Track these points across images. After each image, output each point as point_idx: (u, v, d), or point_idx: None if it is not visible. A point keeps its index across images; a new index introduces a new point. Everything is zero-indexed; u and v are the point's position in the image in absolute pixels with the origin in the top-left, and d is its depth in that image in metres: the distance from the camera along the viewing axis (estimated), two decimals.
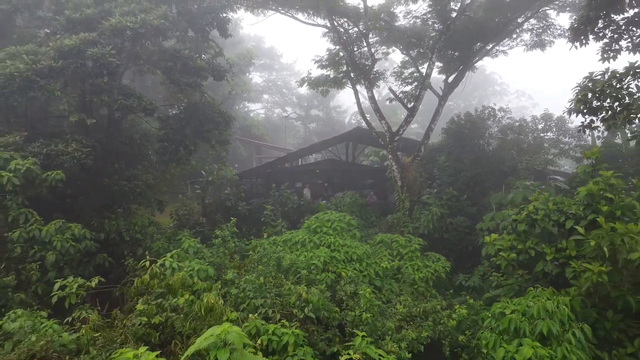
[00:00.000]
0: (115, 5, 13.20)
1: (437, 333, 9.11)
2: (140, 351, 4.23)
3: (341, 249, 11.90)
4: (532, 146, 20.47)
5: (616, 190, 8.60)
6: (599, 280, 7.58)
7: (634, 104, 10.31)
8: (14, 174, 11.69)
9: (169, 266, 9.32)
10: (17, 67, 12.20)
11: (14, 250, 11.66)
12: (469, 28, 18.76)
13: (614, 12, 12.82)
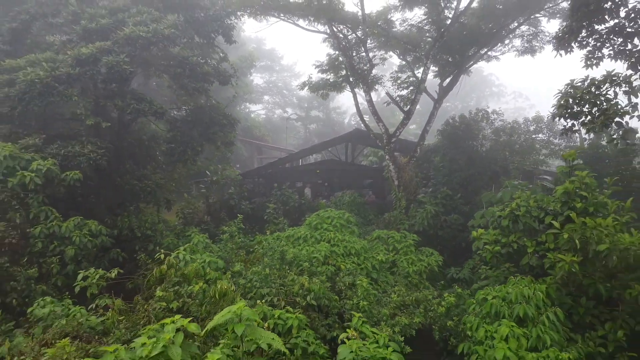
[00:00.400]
0: (128, 15, 14.05)
1: (428, 319, 9.98)
2: (175, 318, 5.05)
3: (340, 244, 12.75)
4: (524, 147, 21.35)
5: (590, 189, 9.46)
6: (572, 269, 8.44)
7: (610, 109, 11.17)
8: (36, 174, 12.55)
9: (182, 258, 10.17)
10: (38, 74, 13.05)
11: (35, 245, 12.51)
12: (462, 34, 19.63)
13: (596, 23, 13.68)
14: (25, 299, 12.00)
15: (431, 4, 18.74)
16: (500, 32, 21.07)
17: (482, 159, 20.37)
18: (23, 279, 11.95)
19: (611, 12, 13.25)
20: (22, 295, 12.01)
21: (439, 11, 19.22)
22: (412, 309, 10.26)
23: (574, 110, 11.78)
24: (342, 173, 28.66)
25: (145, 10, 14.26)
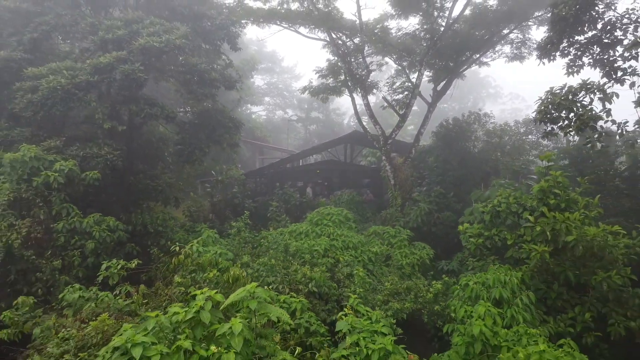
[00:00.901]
0: (142, 26, 15.10)
1: (418, 305, 11.07)
2: (204, 290, 6.10)
3: (339, 238, 13.84)
4: (514, 148, 22.45)
5: (563, 187, 10.55)
6: (544, 258, 9.53)
7: (585, 114, 12.27)
8: (59, 174, 13.63)
9: (196, 250, 11.26)
10: (59, 81, 14.12)
11: (58, 239, 13.58)
12: (455, 41, 20.71)
13: (577, 34, 14.78)
14: (50, 288, 13.11)
15: (425, 13, 19.84)
16: (491, 39, 22.17)
17: (474, 159, 21.46)
18: (48, 270, 13.03)
19: (589, 24, 14.36)
20: (46, 285, 13.09)
21: (433, 19, 20.31)
22: (403, 295, 11.34)
23: (553, 115, 12.89)
24: (341, 173, 29.73)
25: (157, 21, 15.33)
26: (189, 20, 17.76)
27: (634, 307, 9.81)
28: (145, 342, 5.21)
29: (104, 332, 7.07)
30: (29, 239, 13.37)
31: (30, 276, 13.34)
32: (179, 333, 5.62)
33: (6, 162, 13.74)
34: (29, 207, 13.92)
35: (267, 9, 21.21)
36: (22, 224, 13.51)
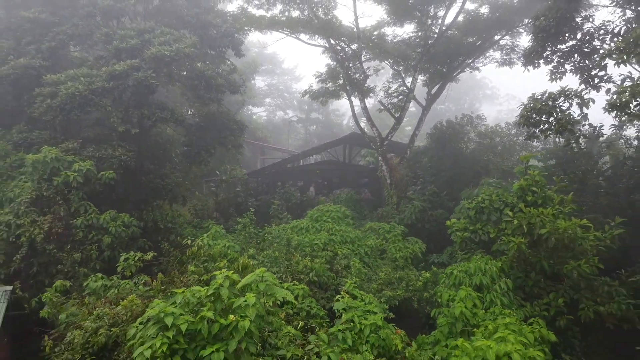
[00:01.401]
0: (154, 35, 16.16)
1: (409, 293, 12.15)
2: (222, 271, 7.15)
3: (337, 233, 14.93)
4: (505, 149, 23.54)
5: (540, 185, 11.63)
6: (521, 249, 10.62)
7: (563, 118, 13.36)
8: (77, 174, 14.70)
9: (206, 243, 12.35)
10: (77, 87, 15.20)
11: (77, 234, 14.67)
12: (448, 47, 21.81)
13: (558, 43, 15.88)
14: (70, 279, 14.17)
15: (419, 21, 20.93)
16: (483, 45, 23.28)
17: (466, 160, 22.55)
18: (69, 262, 14.13)
19: (570, 34, 15.46)
20: (67, 277, 14.14)
21: (427, 27, 21.40)
22: (396, 284, 12.42)
23: (534, 119, 13.97)
24: (340, 173, 30.80)
25: (167, 31, 16.40)
26: (196, 28, 18.84)
27: (603, 294, 10.90)
28: (174, 312, 6.29)
29: (132, 310, 8.15)
30: (50, 234, 14.46)
31: (52, 268, 14.46)
32: (202, 306, 6.69)
33: (29, 163, 14.81)
34: (49, 205, 14.99)
35: (269, 17, 22.30)
36: (44, 220, 14.60)
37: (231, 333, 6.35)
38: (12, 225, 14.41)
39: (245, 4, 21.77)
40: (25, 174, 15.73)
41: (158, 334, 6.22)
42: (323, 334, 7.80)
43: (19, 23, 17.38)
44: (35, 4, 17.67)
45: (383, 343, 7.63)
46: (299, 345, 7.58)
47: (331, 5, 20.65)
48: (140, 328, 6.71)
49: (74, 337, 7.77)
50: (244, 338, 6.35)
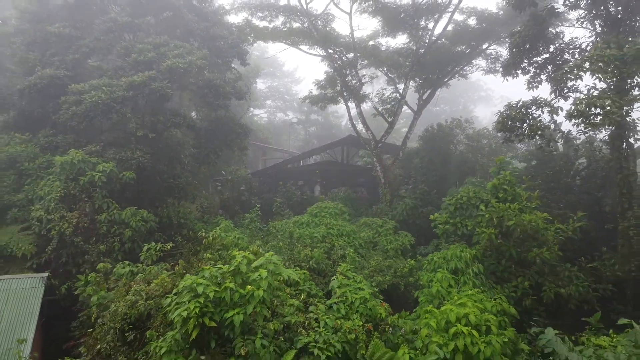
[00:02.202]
0: (168, 49, 17.84)
1: (396, 278, 13.87)
2: (241, 251, 8.83)
3: (335, 227, 16.64)
4: (492, 150, 25.24)
5: (510, 184, 13.34)
6: (492, 238, 12.33)
7: (534, 125, 15.06)
8: (101, 174, 16.40)
9: (219, 234, 14.05)
10: (100, 96, 16.89)
11: (101, 228, 16.35)
12: (438, 56, 23.51)
13: (534, 56, 17.57)
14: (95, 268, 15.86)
15: (411, 32, 22.63)
16: (470, 54, 24.98)
17: (455, 160, 24.25)
18: (95, 253, 15.83)
19: (543, 48, 17.16)
20: (92, 266, 15.84)
21: (418, 38, 23.10)
22: (385, 271, 14.14)
23: (510, 125, 15.67)
24: (338, 173, 32.48)
25: (180, 44, 18.08)
26: (205, 40, 20.53)
27: (564, 278, 12.63)
28: (204, 283, 7.99)
29: (163, 287, 9.85)
30: (77, 228, 16.18)
31: (78, 259, 16.17)
32: (224, 280, 8.39)
33: (58, 164, 16.51)
34: (75, 202, 16.70)
35: (272, 28, 23.98)
36: (72, 215, 16.31)
37: (248, 300, 8.06)
38: (44, 220, 16.12)
39: (249, 16, 23.50)
40: (52, 174, 17.40)
41: (191, 300, 7.92)
42: (321, 305, 9.52)
43: (44, 37, 19.06)
44: (59, 19, 19.35)
45: (370, 312, 9.34)
46: (301, 313, 9.29)
47: (329, 18, 22.40)
48: (175, 298, 8.43)
49: (118, 308, 9.47)
50: (258, 304, 8.05)
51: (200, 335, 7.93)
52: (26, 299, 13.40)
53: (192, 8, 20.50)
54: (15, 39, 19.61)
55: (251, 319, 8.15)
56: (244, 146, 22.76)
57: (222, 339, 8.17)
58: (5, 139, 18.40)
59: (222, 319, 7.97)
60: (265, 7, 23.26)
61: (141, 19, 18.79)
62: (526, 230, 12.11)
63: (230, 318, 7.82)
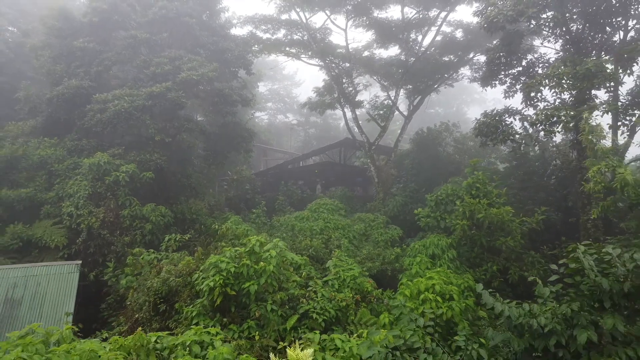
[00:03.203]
0: (182, 62, 19.94)
1: (385, 265, 15.98)
2: (254, 236, 10.92)
3: (331, 221, 18.75)
4: (477, 152, 27.37)
5: (482, 182, 15.45)
6: (464, 229, 14.46)
7: (506, 131, 17.20)
8: (125, 174, 18.50)
9: (231, 226, 16.16)
10: (122, 105, 18.99)
11: (124, 222, 18.46)
12: (426, 66, 25.64)
13: (509, 68, 19.71)
14: (120, 258, 17.96)
15: (402, 44, 24.75)
16: (458, 63, 27.11)
17: (443, 161, 26.40)
18: (120, 244, 17.93)
19: (517, 62, 19.30)
20: (117, 256, 17.97)
21: (408, 48, 25.23)
22: (375, 259, 16.25)
23: (485, 131, 17.81)
24: (336, 172, 34.59)
25: (194, 58, 20.20)
26: (214, 53, 22.64)
27: (528, 264, 14.76)
28: (226, 261, 10.10)
29: (189, 267, 11.96)
30: (104, 222, 18.28)
31: (105, 249, 18.28)
32: (242, 259, 10.49)
33: (85, 166, 18.62)
34: (101, 199, 18.80)
35: (274, 39, 26.10)
36: (99, 211, 18.42)
37: (261, 274, 10.18)
38: (74, 215, 18.23)
39: (254, 29, 25.61)
40: (80, 174, 19.49)
41: (215, 274, 10.03)
42: (319, 281, 11.64)
43: (70, 50, 21.16)
44: (83, 35, 21.44)
45: (358, 287, 11.46)
46: (302, 288, 11.40)
47: (327, 32, 24.52)
48: (201, 274, 10.56)
49: (153, 284, 11.58)
50: (268, 277, 10.17)
51: (223, 302, 10.03)
52: (65, 282, 15.48)
53: (203, 24, 22.61)
54: (42, 52, 21.68)
55: (263, 289, 10.26)
56: (249, 148, 24.89)
57: (240, 305, 10.29)
58: (36, 143, 20.47)
59: (240, 289, 10.08)
60: (268, 20, 25.37)
61: (157, 35, 20.93)
62: (494, 221, 14.23)
63: (247, 288, 9.93)
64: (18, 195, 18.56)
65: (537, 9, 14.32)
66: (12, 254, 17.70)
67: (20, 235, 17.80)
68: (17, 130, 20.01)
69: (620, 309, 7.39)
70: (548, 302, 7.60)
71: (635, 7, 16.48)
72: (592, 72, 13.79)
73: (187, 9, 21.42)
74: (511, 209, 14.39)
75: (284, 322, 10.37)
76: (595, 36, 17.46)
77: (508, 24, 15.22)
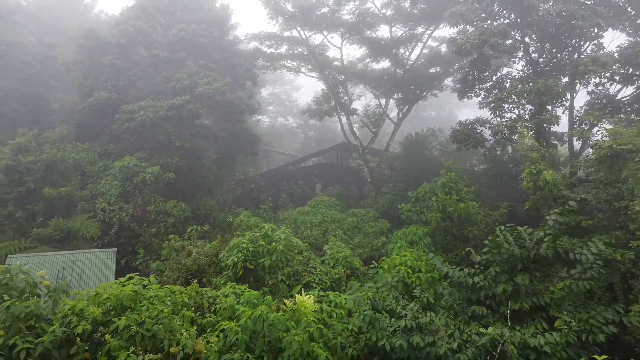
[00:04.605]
0: (199, 77, 22.95)
1: (373, 252, 19.00)
2: (267, 224, 13.86)
3: (328, 216, 21.78)
4: (461, 154, 30.41)
5: (454, 182, 18.46)
6: (438, 221, 17.49)
7: (477, 137, 20.24)
8: (150, 175, 21.49)
9: (243, 219, 19.18)
10: (147, 115, 21.99)
11: (150, 216, 21.45)
12: (414, 78, 28.69)
13: (482, 83, 22.76)
14: (147, 247, 20.94)
15: (391, 59, 27.80)
16: (444, 74, 30.15)
17: (429, 163, 29.40)
18: (147, 235, 20.93)
19: (488, 78, 22.35)
20: (144, 245, 20.95)
21: (398, 61, 28.27)
22: (365, 246, 19.27)
23: (460, 138, 20.84)
24: (333, 173, 37.60)
25: (209, 74, 23.22)
26: (225, 68, 25.66)
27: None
28: (246, 242, 13.10)
29: (215, 249, 14.95)
30: (133, 217, 21.27)
31: (133, 240, 21.26)
32: (257, 241, 13.49)
33: (116, 168, 21.60)
34: (130, 196, 21.77)
35: (277, 53, 29.13)
36: (128, 207, 21.41)
37: (272, 252, 13.19)
38: (107, 210, 21.22)
39: (259, 45, 28.65)
40: (110, 175, 22.46)
41: (238, 252, 13.02)
42: (318, 260, 14.66)
43: (98, 67, 24.14)
44: (110, 53, 24.42)
45: (349, 264, 14.49)
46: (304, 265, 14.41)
47: (324, 48, 27.55)
48: (226, 254, 13.57)
49: (186, 262, 14.57)
50: (278, 255, 13.18)
51: (244, 274, 13.02)
52: (104, 266, 18.44)
53: (214, 43, 25.61)
54: (74, 67, 24.67)
55: (274, 264, 13.27)
56: (255, 152, 27.91)
57: (257, 277, 13.29)
58: (70, 148, 23.45)
59: (257, 264, 13.08)
60: (272, 37, 28.40)
61: (176, 54, 23.94)
62: (462, 214, 17.26)
63: (262, 262, 12.94)
64: (58, 193, 21.53)
65: (498, 38, 17.32)
66: (55, 244, 20.71)
67: (61, 227, 20.79)
68: (54, 136, 22.95)
69: (531, 270, 10.42)
70: (480, 267, 10.63)
71: (590, 30, 19.47)
72: (541, 91, 16.84)
73: (202, 30, 24.44)
74: (477, 204, 17.43)
75: (290, 290, 13.38)
76: (552, 58, 20.52)
77: (474, 50, 18.25)
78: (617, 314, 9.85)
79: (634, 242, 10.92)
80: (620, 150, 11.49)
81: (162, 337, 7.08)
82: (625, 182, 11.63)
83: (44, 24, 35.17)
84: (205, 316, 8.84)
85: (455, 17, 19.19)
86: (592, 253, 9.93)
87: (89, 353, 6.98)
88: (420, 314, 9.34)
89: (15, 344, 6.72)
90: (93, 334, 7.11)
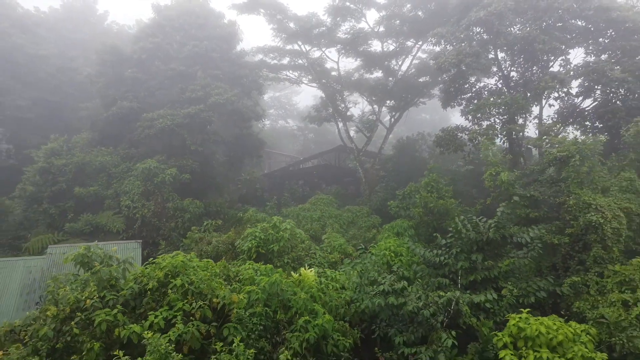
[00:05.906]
0: (211, 89, 25.73)
1: (365, 242, 21.80)
2: (274, 217, 16.60)
3: (326, 212, 24.58)
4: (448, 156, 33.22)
5: (436, 181, 21.27)
6: (421, 215, 20.30)
7: (457, 142, 23.07)
8: (169, 176, 24.27)
9: (252, 215, 21.99)
10: (166, 122, 24.80)
11: (169, 212, 24.24)
12: (405, 87, 31.53)
13: (463, 94, 25.58)
14: (167, 239, 23.73)
15: (384, 70, 30.65)
16: (432, 83, 32.99)
17: (419, 164, 32.24)
18: (167, 229, 23.72)
19: (469, 89, 25.18)
20: (164, 237, 23.75)
21: (390, 72, 31.10)
22: (358, 238, 22.07)
23: (442, 143, 23.66)
24: (331, 174, 40.44)
25: (220, 85, 26.01)
26: (233, 79, 28.47)
27: None
28: (258, 231, 15.90)
29: (232, 237, 17.73)
30: (154, 213, 24.05)
31: (154, 233, 24.04)
32: (268, 230, 16.27)
33: (139, 169, 24.37)
34: (151, 195, 24.55)
35: (280, 64, 31.96)
36: (149, 204, 24.19)
37: (279, 240, 15.99)
38: (130, 207, 24.00)
39: (264, 57, 31.46)
40: (132, 176, 25.22)
41: (251, 240, 15.82)
42: (317, 247, 17.48)
43: (120, 79, 26.95)
44: (130, 66, 27.22)
45: (344, 250, 17.31)
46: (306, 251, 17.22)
47: (323, 60, 30.36)
48: (242, 241, 16.38)
49: (206, 249, 17.35)
50: (285, 241, 15.97)
51: (256, 258, 15.81)
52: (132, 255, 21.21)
53: (224, 57, 28.46)
54: (98, 79, 27.46)
55: (281, 250, 16.07)
56: (260, 155, 30.72)
57: (267, 260, 16.08)
58: (95, 152, 26.24)
59: (267, 249, 15.87)
60: (275, 50, 31.24)
61: (191, 67, 26.76)
62: (441, 210, 20.09)
63: (272, 248, 15.74)
64: (87, 192, 24.33)
65: (472, 58, 20.15)
66: (85, 236, 23.48)
67: (91, 222, 23.59)
68: (82, 141, 25.75)
69: (485, 251, 13.25)
70: (444, 248, 13.49)
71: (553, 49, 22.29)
72: (509, 104, 19.68)
73: (213, 45, 27.26)
74: (455, 201, 20.26)
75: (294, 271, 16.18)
76: (524, 72, 23.36)
77: (452, 68, 21.09)
78: (549, 283, 12.75)
79: (569, 229, 13.76)
80: (561, 156, 14.33)
81: (206, 292, 9.90)
82: (564, 181, 14.48)
83: (63, 37, 37.91)
84: (232, 283, 11.67)
85: (437, 37, 22.03)
86: (529, 236, 12.78)
87: (154, 303, 9.78)
88: (396, 282, 12.17)
89: (104, 295, 9.55)
90: (157, 290, 9.93)
